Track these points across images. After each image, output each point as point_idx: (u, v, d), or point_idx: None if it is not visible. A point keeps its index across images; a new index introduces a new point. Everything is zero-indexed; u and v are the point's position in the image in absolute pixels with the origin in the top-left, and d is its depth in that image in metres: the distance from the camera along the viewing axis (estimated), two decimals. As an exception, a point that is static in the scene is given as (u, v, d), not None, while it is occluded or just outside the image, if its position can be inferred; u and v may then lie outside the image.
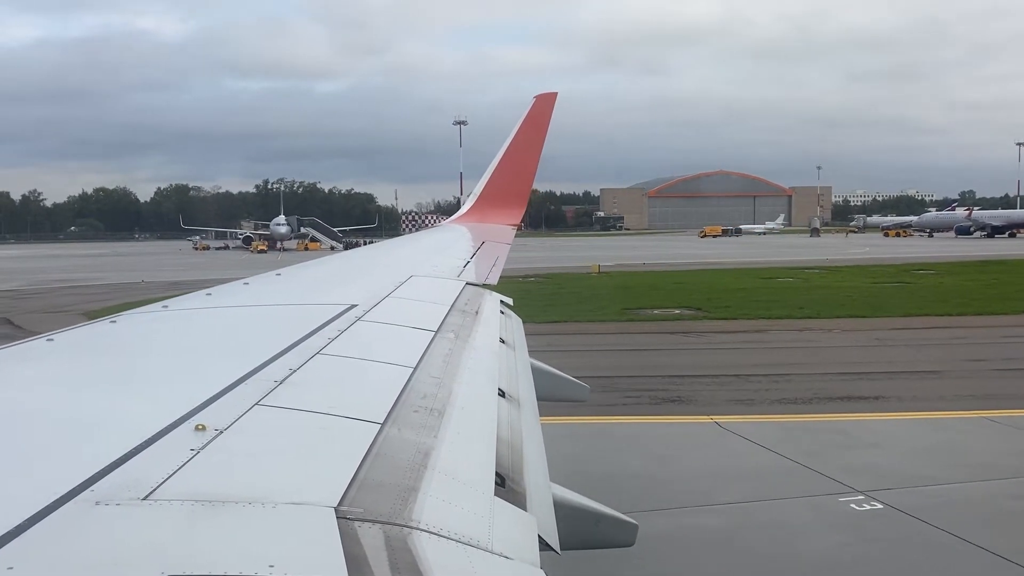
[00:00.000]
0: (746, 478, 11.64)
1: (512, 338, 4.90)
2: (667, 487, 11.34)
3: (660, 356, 22.73)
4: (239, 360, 2.92)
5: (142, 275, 56.01)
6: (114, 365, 3.22)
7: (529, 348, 5.08)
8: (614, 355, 22.59)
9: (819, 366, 20.53)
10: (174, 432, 2.11)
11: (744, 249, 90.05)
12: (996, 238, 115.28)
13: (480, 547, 1.84)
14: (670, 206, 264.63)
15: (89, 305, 35.11)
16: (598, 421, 14.38)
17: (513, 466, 2.61)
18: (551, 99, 12.21)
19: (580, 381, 6.25)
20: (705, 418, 14.99)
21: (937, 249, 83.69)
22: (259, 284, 5.65)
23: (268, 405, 2.45)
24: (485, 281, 6.64)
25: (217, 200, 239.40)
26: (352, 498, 1.84)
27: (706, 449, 13.26)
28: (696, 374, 19.39)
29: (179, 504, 1.70)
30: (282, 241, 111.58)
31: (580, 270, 53.44)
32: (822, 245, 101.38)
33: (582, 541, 3.15)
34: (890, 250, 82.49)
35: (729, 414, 15.19)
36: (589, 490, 3.37)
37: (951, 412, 15.49)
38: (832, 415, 15.34)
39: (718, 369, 19.89)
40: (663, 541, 9.23)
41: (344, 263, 8.70)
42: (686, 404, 16.41)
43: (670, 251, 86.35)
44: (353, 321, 3.87)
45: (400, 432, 2.43)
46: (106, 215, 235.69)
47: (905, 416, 15.29)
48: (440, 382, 3.13)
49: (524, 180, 12.36)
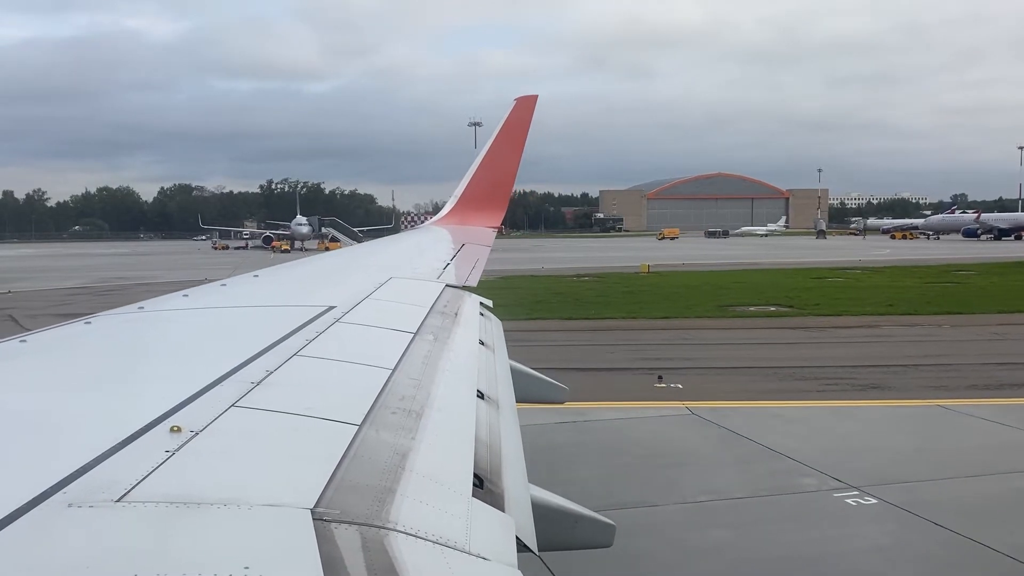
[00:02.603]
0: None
1: (491, 340, 4.90)
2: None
3: (809, 349, 23.08)
4: (216, 361, 2.90)
5: (203, 273, 55.52)
6: (89, 366, 3.19)
7: (669, 344, 5.08)
8: (769, 348, 23.17)
9: (970, 357, 20.90)
10: (149, 434, 2.10)
11: (766, 250, 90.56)
12: (1003, 240, 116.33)
13: (458, 548, 1.84)
14: (669, 208, 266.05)
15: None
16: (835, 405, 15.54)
17: (491, 467, 2.62)
18: (531, 102, 12.21)
19: (558, 383, 6.24)
20: (930, 402, 15.62)
21: (954, 251, 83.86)
22: (237, 285, 5.62)
23: (245, 407, 2.44)
24: (465, 283, 6.64)
25: (220, 200, 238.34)
26: (329, 499, 1.84)
27: (965, 432, 13.70)
28: (862, 364, 19.92)
29: (153, 506, 1.69)
30: (303, 241, 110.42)
31: (626, 270, 54.09)
32: (837, 247, 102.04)
33: (560, 542, 3.16)
34: (909, 252, 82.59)
35: (943, 399, 15.77)
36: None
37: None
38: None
39: (878, 360, 20.43)
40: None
41: (323, 264, 8.65)
42: (887, 391, 16.83)
43: (691, 252, 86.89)
44: (332, 323, 3.86)
45: (378, 434, 2.43)
46: (109, 215, 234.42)
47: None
48: (419, 384, 3.12)
49: (505, 182, 12.36)
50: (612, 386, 17.55)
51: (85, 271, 63.16)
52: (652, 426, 14.16)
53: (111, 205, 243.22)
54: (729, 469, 11.58)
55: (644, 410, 15.17)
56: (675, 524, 9.62)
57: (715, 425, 13.89)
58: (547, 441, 12.74)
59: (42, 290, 44.05)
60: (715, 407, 15.09)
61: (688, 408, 15.09)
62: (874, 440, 12.96)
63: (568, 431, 13.54)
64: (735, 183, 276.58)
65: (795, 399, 16.11)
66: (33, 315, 29.94)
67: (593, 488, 10.37)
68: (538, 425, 13.22)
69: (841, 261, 63.42)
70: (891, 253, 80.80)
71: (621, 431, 13.84)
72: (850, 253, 78.89)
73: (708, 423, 14.06)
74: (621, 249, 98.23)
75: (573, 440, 13.11)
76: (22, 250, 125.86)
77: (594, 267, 56.92)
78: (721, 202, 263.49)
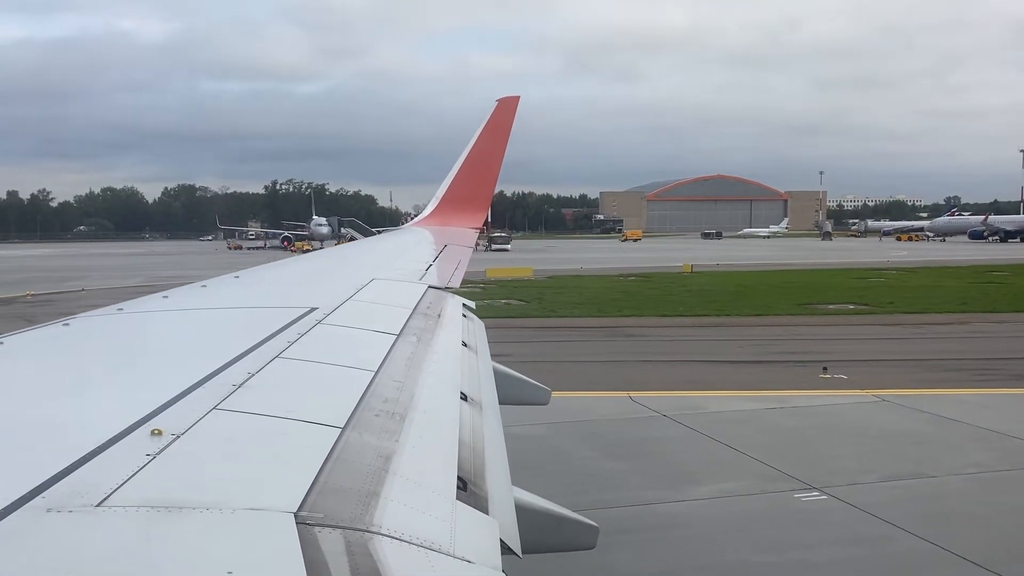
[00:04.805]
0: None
1: (474, 341, 4.89)
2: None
3: (930, 343, 23.78)
4: (196, 364, 2.88)
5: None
6: (67, 369, 3.15)
7: (787, 339, 5.15)
8: (891, 343, 23.85)
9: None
10: (129, 437, 2.07)
11: (786, 252, 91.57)
12: (1009, 242, 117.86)
13: (442, 551, 1.83)
14: (668, 209, 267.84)
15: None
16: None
17: (475, 470, 2.61)
18: (513, 103, 12.20)
19: (541, 384, 6.24)
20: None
21: (970, 253, 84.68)
22: (217, 286, 5.57)
23: (226, 409, 2.42)
24: (448, 284, 6.62)
25: (225, 200, 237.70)
26: (312, 503, 1.82)
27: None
28: (995, 358, 20.67)
29: (134, 511, 1.67)
30: (322, 241, 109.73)
31: (664, 270, 55.08)
32: (850, 248, 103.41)
33: (544, 544, 3.16)
34: (926, 254, 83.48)
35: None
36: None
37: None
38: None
39: (1006, 354, 21.43)
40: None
41: (305, 265, 8.61)
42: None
43: (712, 253, 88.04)
44: (313, 324, 3.83)
45: (361, 436, 2.41)
46: (114, 215, 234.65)
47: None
48: (402, 386, 3.11)
49: (487, 183, 12.35)
50: (777, 377, 18.25)
51: (130, 270, 63.14)
52: (862, 411, 14.91)
53: (115, 205, 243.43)
54: (975, 446, 12.54)
55: (836, 398, 15.82)
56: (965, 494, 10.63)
57: (918, 411, 14.63)
58: (789, 423, 14.07)
59: (113, 288, 43.40)
60: (903, 395, 15.79)
61: (876, 396, 15.70)
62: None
63: (782, 415, 14.63)
64: (734, 185, 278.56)
65: (957, 388, 16.79)
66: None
67: (874, 466, 11.61)
68: (774, 409, 14.93)
69: (867, 262, 64.40)
70: (909, 254, 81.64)
71: (841, 415, 14.65)
72: (869, 255, 79.94)
73: (910, 409, 14.81)
74: (638, 251, 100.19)
75: (807, 424, 14.08)
76: (37, 250, 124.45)
77: (630, 267, 58.08)
78: (720, 204, 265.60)
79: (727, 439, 12.90)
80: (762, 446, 12.47)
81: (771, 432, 13.47)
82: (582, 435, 13.49)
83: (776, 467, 11.50)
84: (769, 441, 12.82)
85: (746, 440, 12.80)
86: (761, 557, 8.77)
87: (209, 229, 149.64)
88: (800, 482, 10.88)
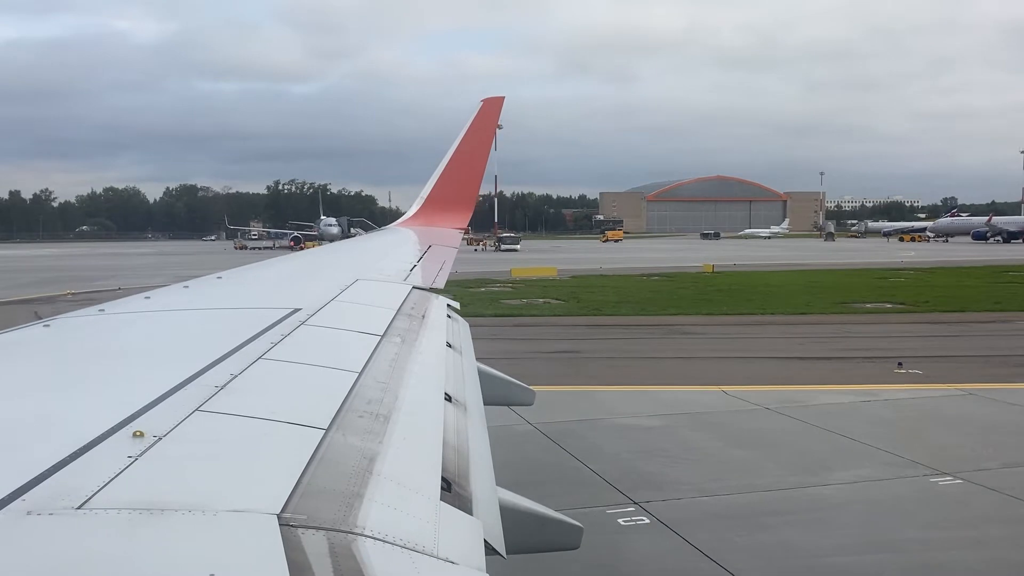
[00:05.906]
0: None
1: (459, 342, 4.89)
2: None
3: (983, 340, 24.06)
4: (179, 365, 2.86)
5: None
6: (48, 370, 3.12)
7: (842, 336, 5.18)
8: (947, 340, 24.27)
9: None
10: (111, 439, 2.06)
11: (797, 253, 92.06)
12: (1012, 243, 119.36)
13: (426, 552, 1.84)
14: (668, 210, 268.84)
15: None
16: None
17: (459, 471, 2.61)
18: (498, 103, 12.21)
19: (526, 385, 6.25)
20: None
21: (978, 253, 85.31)
22: (200, 287, 5.54)
23: (209, 411, 2.41)
24: (432, 285, 6.62)
25: (227, 201, 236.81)
26: (295, 505, 1.82)
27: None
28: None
29: (116, 513, 1.66)
30: (332, 241, 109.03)
31: (683, 270, 55.53)
32: (857, 248, 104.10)
33: (528, 545, 3.16)
34: (934, 254, 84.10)
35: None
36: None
37: None
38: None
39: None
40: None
41: (288, 266, 8.58)
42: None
43: (723, 253, 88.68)
44: (297, 325, 3.82)
45: (345, 438, 2.41)
46: (116, 215, 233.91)
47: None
48: (386, 387, 3.11)
49: (471, 184, 12.35)
50: (854, 373, 18.61)
51: (155, 269, 62.66)
52: (957, 404, 15.27)
53: (116, 205, 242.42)
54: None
55: (925, 391, 16.19)
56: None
57: (1011, 404, 15.05)
58: (889, 415, 14.46)
59: (147, 287, 43.11)
60: (989, 388, 16.16)
61: (963, 390, 16.04)
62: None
63: (880, 407, 14.98)
64: (733, 186, 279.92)
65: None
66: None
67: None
68: (861, 402, 15.30)
69: (879, 263, 65.08)
70: (917, 255, 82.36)
71: (938, 408, 15.05)
72: (878, 255, 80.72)
73: (1003, 403, 15.21)
74: (646, 250, 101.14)
75: (908, 415, 14.46)
76: (45, 250, 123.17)
77: (648, 267, 58.55)
78: (720, 204, 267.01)
79: (840, 430, 13.28)
80: (876, 436, 12.82)
81: (877, 423, 13.82)
82: (699, 426, 13.81)
83: (900, 455, 11.83)
84: (880, 432, 13.14)
85: (858, 430, 13.16)
86: (925, 534, 9.10)
87: (211, 229, 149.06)
88: (930, 468, 11.21)
